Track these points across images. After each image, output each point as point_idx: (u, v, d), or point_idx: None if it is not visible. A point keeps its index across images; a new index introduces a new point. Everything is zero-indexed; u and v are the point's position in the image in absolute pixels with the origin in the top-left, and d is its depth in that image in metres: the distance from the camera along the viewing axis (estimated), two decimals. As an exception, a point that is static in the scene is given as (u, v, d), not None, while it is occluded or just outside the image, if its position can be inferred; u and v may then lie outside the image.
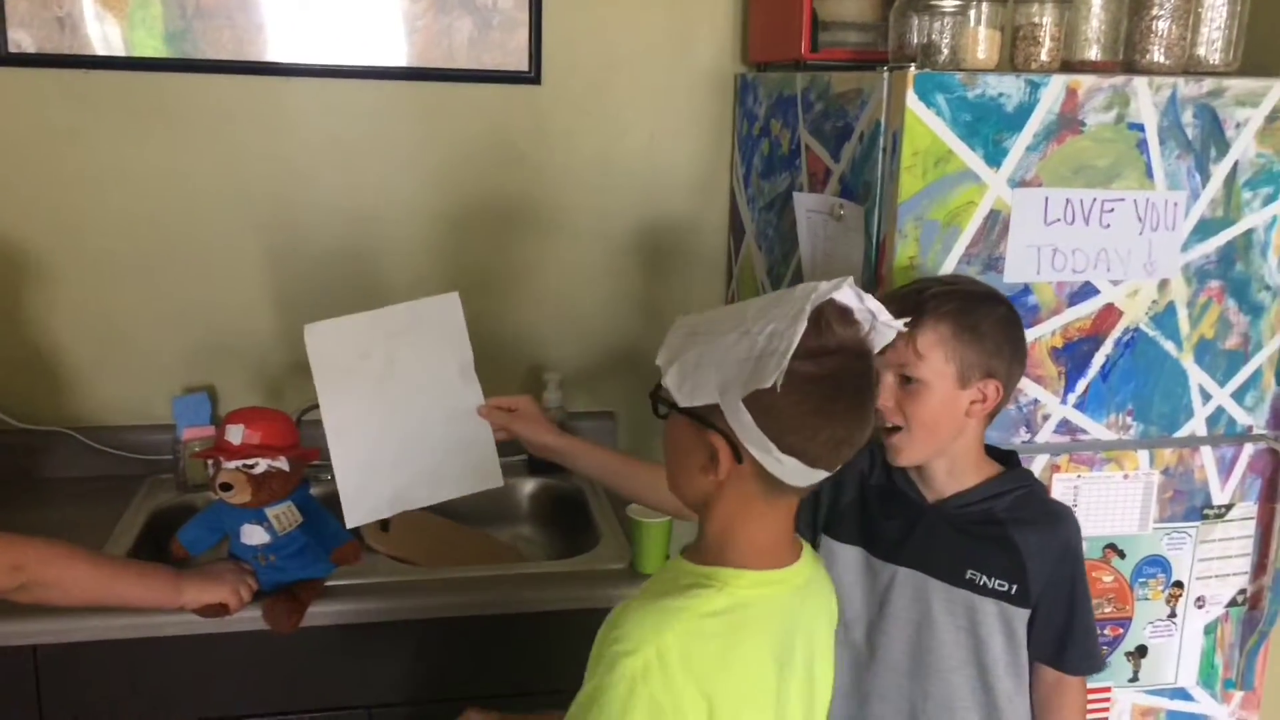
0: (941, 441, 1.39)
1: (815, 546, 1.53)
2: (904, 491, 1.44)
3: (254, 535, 1.60)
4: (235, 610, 1.56)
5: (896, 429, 1.38)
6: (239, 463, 1.56)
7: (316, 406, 2.01)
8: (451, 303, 1.69)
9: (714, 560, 1.15)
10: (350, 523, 1.63)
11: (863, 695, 1.47)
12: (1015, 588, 1.38)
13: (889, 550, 1.44)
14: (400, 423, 1.66)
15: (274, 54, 2.01)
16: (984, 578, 1.38)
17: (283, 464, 1.58)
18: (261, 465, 1.56)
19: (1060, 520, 1.42)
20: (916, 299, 1.35)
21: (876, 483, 1.47)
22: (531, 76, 2.11)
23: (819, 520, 1.50)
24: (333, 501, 1.92)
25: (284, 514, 1.61)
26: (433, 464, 1.65)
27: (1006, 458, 1.47)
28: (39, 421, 2.06)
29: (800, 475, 1.09)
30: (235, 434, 1.57)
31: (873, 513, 1.46)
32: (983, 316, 1.37)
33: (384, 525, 1.84)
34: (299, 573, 1.62)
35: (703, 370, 1.09)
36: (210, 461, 1.60)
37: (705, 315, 1.15)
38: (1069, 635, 1.41)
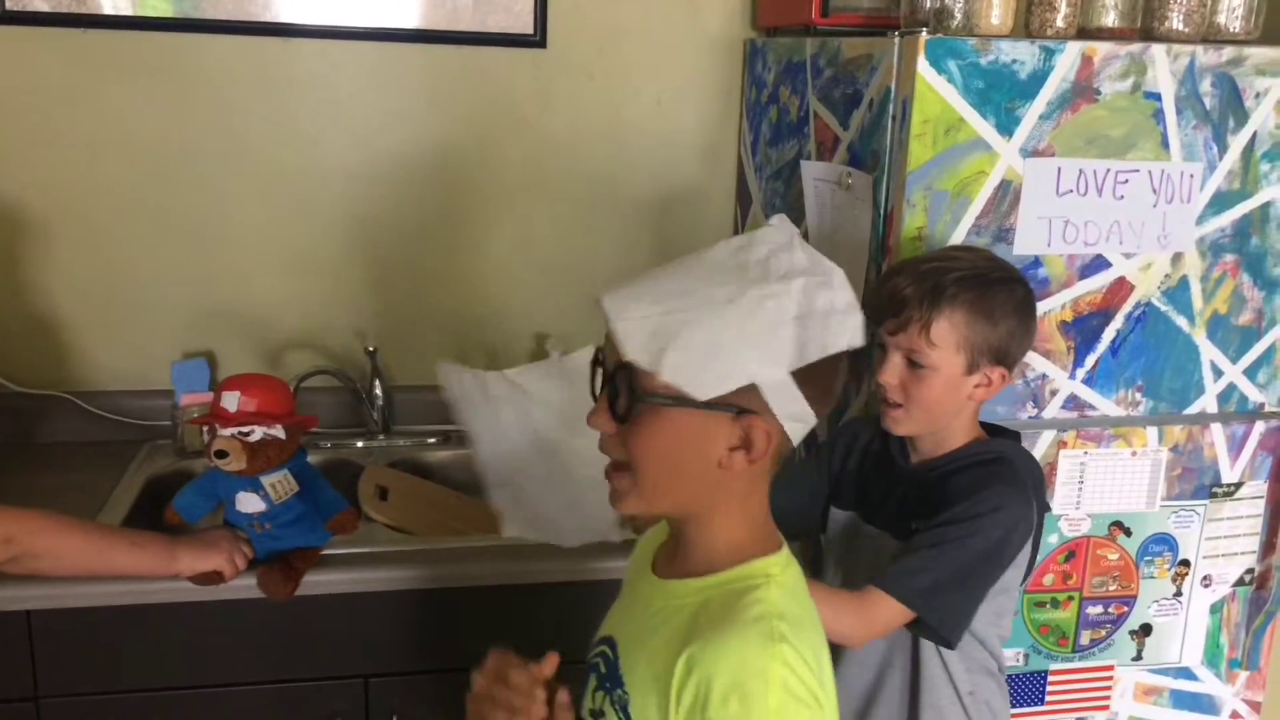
0: (939, 421, 1.38)
1: (825, 519, 1.53)
2: (894, 457, 1.45)
3: (249, 503, 1.58)
4: (230, 578, 1.55)
5: (897, 404, 1.37)
6: (234, 430, 1.54)
7: (316, 372, 2.02)
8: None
9: (743, 557, 1.01)
10: (508, 532, 1.64)
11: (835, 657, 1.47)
12: None
13: (869, 512, 1.46)
14: (545, 458, 1.70)
15: (277, 14, 1.98)
16: (920, 524, 1.36)
17: (279, 432, 1.56)
18: (257, 433, 1.54)
19: (999, 482, 1.33)
20: (936, 282, 1.32)
21: (875, 449, 1.48)
22: (537, 40, 2.07)
23: (830, 493, 1.51)
24: (330, 470, 1.92)
25: (280, 482, 1.59)
26: (572, 499, 1.66)
27: (1003, 432, 1.45)
28: (36, 385, 2.04)
29: (802, 435, 1.00)
30: (231, 401, 1.55)
31: (866, 478, 1.47)
32: (999, 304, 1.34)
33: (383, 494, 1.84)
34: (295, 541, 1.60)
35: (726, 352, 0.93)
36: (205, 428, 1.58)
37: (642, 287, 0.96)
38: (910, 555, 1.32)
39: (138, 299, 2.06)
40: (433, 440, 2.11)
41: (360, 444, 2.09)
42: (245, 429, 1.54)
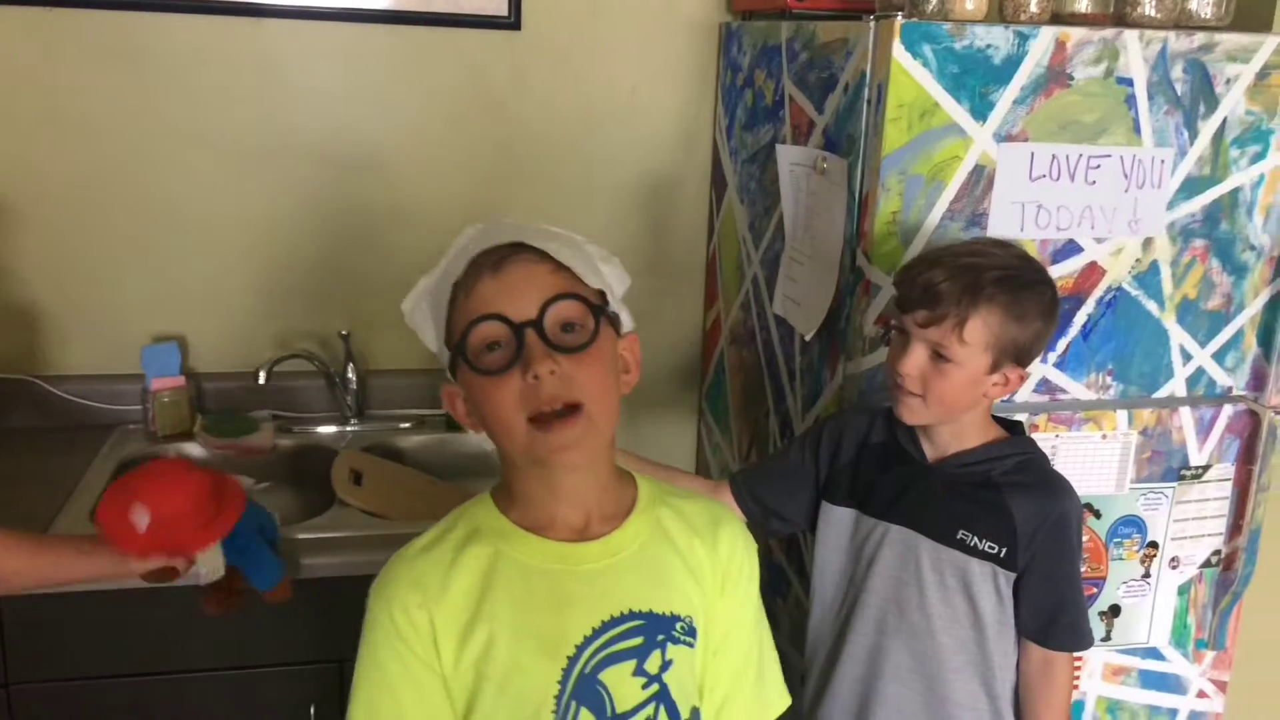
0: (953, 414, 1.37)
1: (815, 514, 1.51)
2: (904, 449, 1.43)
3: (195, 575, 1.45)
4: (184, 572, 1.44)
5: (914, 394, 1.35)
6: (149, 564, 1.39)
7: (289, 357, 2.00)
8: None
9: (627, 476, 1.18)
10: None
11: (833, 658, 1.48)
12: (1004, 551, 1.37)
13: (881, 508, 1.43)
14: None
15: (245, -6, 1.96)
16: (974, 539, 1.37)
17: (197, 528, 1.42)
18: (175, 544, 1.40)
19: (1058, 491, 1.40)
20: (974, 280, 1.30)
21: (877, 440, 1.46)
22: (511, 22, 2.06)
23: (820, 487, 1.49)
24: (304, 455, 1.92)
25: (210, 557, 1.44)
26: None
27: (1012, 425, 1.45)
28: (4, 370, 2.02)
29: None
30: (141, 519, 1.37)
31: (868, 472, 1.45)
32: (1030, 305, 1.33)
33: (356, 479, 1.83)
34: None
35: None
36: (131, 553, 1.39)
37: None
38: (1059, 611, 1.39)
39: (106, 282, 2.04)
40: (406, 425, 2.11)
41: (334, 429, 2.08)
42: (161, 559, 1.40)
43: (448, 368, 1.06)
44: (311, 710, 1.66)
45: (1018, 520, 1.36)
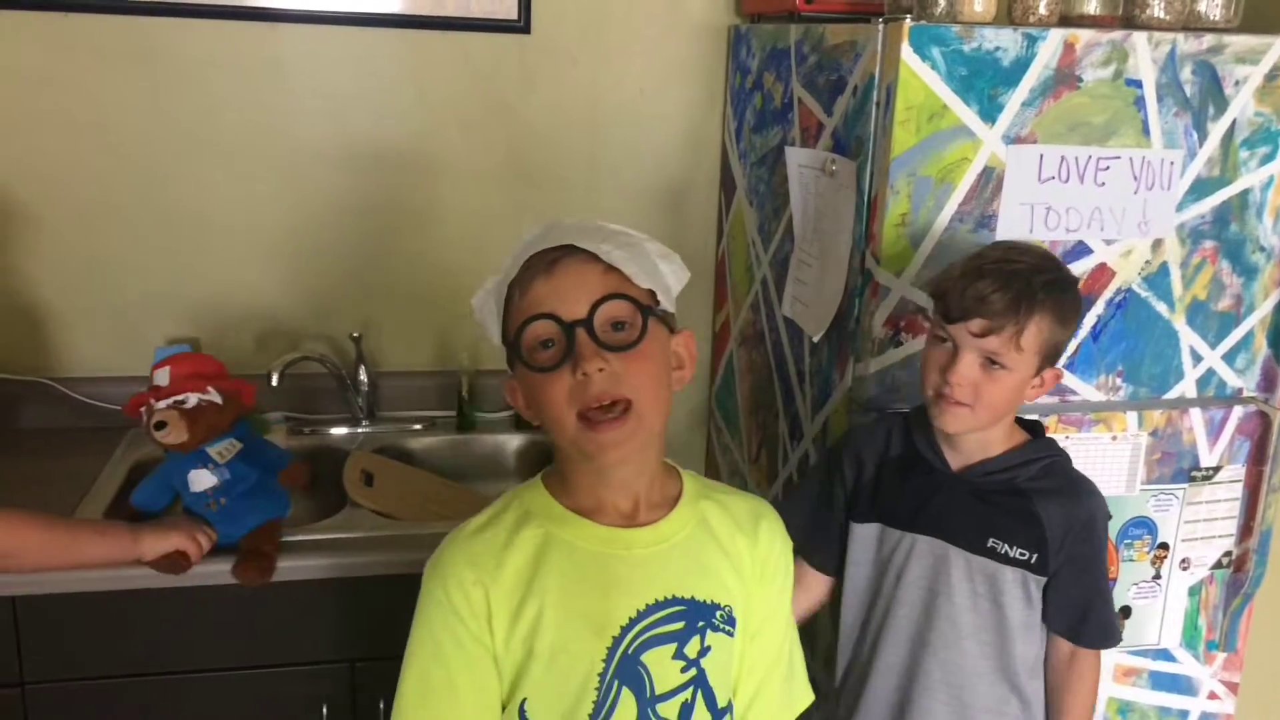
0: (998, 419, 1.37)
1: (844, 534, 1.49)
2: (925, 459, 1.42)
3: (201, 480, 1.58)
4: (195, 559, 1.54)
5: (962, 403, 1.34)
6: (169, 400, 1.54)
7: (301, 359, 2.01)
8: None
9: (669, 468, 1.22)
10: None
11: (864, 674, 1.47)
12: (1035, 557, 1.37)
13: (907, 519, 1.42)
14: None
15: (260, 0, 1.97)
16: (1005, 546, 1.37)
17: (214, 396, 1.57)
18: (192, 399, 1.55)
19: (1084, 493, 1.41)
20: (1027, 287, 1.30)
21: (896, 453, 1.45)
22: (521, 25, 2.07)
23: (848, 505, 1.48)
24: (315, 456, 1.92)
25: (225, 449, 1.60)
26: None
27: (1032, 426, 1.45)
28: (18, 371, 2.03)
29: None
30: (163, 376, 1.56)
31: (890, 485, 1.44)
32: (1071, 306, 1.35)
33: (368, 480, 1.84)
34: (255, 516, 1.60)
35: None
36: (144, 408, 1.58)
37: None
38: (1089, 609, 1.40)
39: (119, 284, 2.05)
40: (418, 426, 2.11)
41: (345, 430, 2.09)
42: (180, 398, 1.54)
43: (507, 362, 1.11)
44: (324, 710, 1.66)
45: (1047, 526, 1.36)
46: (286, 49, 2.01)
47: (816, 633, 1.74)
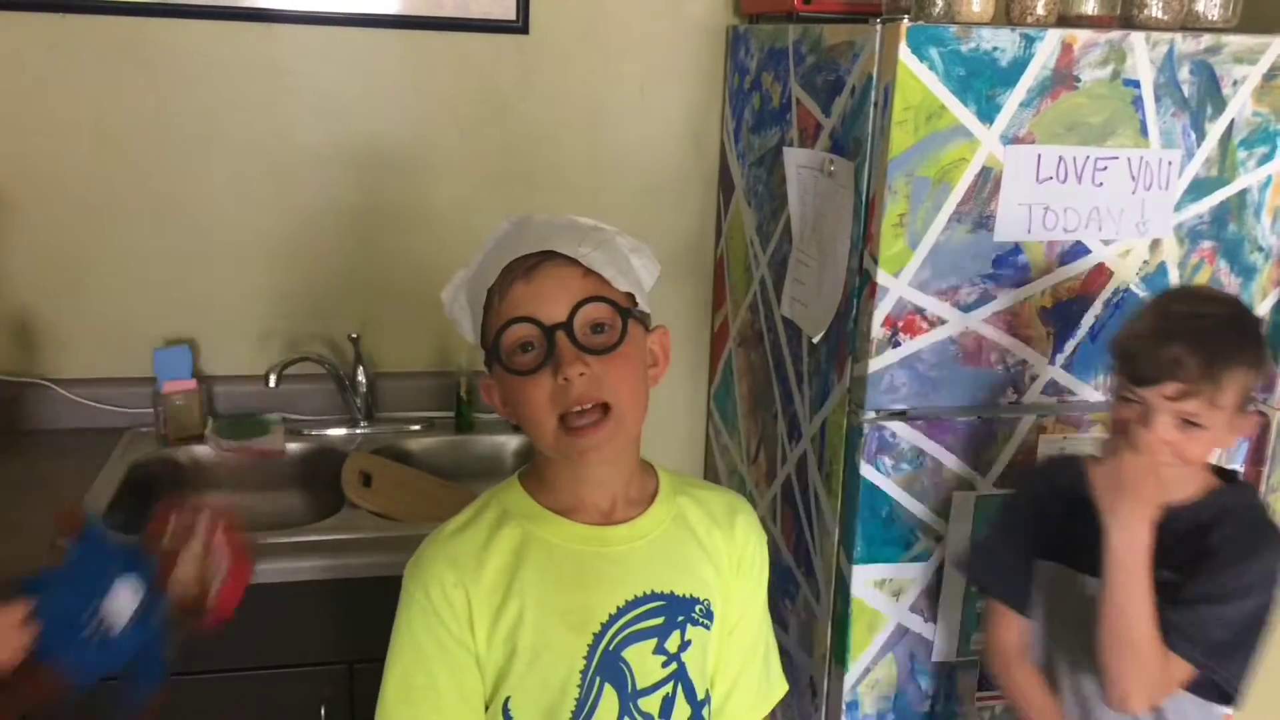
0: (1192, 470, 1.35)
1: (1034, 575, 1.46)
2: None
3: (122, 597, 1.15)
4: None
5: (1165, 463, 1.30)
6: None
7: (299, 360, 2.01)
8: None
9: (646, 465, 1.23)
10: None
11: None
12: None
13: (1089, 562, 1.35)
14: None
15: (258, 0, 1.97)
16: (1172, 575, 1.31)
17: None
18: None
19: (1266, 541, 1.33)
20: (1219, 346, 1.26)
21: (1085, 495, 1.36)
22: (519, 26, 2.07)
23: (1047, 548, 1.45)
24: (313, 458, 1.91)
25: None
26: None
27: (1229, 473, 1.42)
28: (16, 372, 2.03)
29: None
30: None
31: (1080, 526, 1.37)
32: (1261, 349, 1.31)
33: (366, 480, 1.84)
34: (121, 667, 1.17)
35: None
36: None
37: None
38: (1189, 610, 1.31)
39: (117, 285, 2.05)
40: (416, 427, 2.11)
41: (343, 431, 2.08)
42: None
43: (484, 363, 1.11)
44: (322, 711, 1.66)
45: (1213, 549, 1.32)
46: (285, 49, 2.01)
47: (815, 635, 1.74)
